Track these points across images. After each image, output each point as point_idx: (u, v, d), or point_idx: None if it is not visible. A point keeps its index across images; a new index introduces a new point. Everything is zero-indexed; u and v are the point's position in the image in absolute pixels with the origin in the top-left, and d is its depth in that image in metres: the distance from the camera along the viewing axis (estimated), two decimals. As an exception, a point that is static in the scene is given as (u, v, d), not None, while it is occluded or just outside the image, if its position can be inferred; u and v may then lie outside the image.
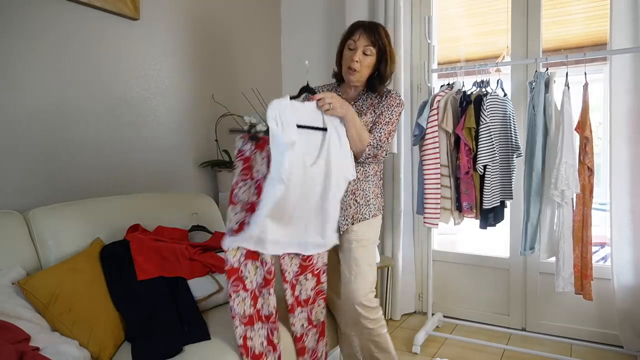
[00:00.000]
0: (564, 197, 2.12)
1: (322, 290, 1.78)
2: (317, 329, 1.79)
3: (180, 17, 2.57)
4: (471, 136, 2.31)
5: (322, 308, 1.79)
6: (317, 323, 1.79)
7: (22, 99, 1.85)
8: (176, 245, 1.87)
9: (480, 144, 2.28)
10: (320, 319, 1.80)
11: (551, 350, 2.43)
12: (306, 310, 1.75)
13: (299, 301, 1.72)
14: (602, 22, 2.86)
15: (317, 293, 1.77)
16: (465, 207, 2.37)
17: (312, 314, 1.76)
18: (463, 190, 2.37)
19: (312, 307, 1.76)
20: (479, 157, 2.27)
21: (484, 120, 2.28)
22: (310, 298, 1.76)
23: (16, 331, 1.25)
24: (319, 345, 1.80)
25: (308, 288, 1.74)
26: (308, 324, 1.76)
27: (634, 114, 2.28)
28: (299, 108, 1.58)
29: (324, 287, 1.78)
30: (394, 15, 2.78)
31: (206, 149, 2.73)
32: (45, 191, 1.92)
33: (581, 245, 2.16)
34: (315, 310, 1.77)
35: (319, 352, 1.80)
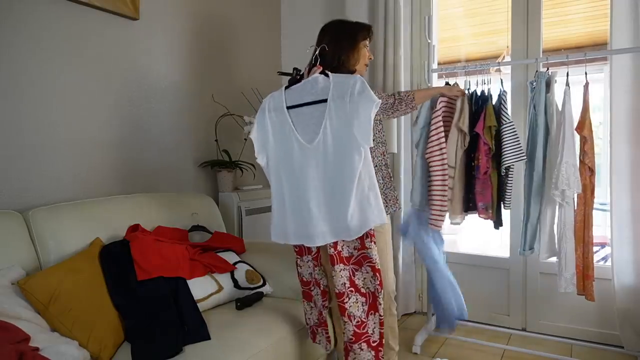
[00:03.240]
0: (564, 197, 2.12)
1: (370, 257, 1.61)
2: (365, 298, 1.63)
3: (180, 17, 2.57)
4: (491, 135, 2.28)
5: (371, 277, 1.62)
6: (365, 291, 1.63)
7: (22, 98, 1.85)
8: (176, 245, 1.87)
9: (505, 143, 2.24)
10: (369, 288, 1.63)
11: (551, 350, 2.43)
12: (349, 269, 1.62)
13: (341, 256, 1.62)
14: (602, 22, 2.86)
15: (363, 257, 1.62)
16: (480, 208, 2.34)
17: (356, 276, 1.63)
18: (478, 190, 2.33)
19: (356, 268, 1.63)
20: (505, 156, 2.23)
21: (506, 119, 2.25)
22: (354, 257, 1.63)
23: (16, 331, 1.25)
24: (369, 318, 1.63)
25: (350, 246, 1.64)
26: (350, 285, 1.61)
27: (634, 114, 2.28)
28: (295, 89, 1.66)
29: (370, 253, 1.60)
30: (394, 15, 2.78)
31: (206, 149, 2.73)
32: (46, 191, 1.92)
33: (583, 246, 2.16)
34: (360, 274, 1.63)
35: (369, 326, 1.62)
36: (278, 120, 1.65)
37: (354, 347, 1.61)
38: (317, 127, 1.58)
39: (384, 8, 2.81)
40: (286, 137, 1.63)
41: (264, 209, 2.75)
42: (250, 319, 1.74)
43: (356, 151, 1.53)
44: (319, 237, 1.60)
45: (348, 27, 1.91)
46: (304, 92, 1.63)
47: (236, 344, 1.54)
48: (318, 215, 1.59)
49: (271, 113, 1.67)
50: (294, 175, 1.62)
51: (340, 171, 1.56)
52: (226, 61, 2.90)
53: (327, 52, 1.81)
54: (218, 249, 2.06)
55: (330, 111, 1.57)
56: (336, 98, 1.56)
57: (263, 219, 2.73)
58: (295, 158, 1.62)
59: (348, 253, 1.63)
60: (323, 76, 1.63)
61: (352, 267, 1.62)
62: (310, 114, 1.60)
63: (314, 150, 1.58)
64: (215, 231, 2.22)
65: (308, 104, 1.61)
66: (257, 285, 1.97)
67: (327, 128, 1.57)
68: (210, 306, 1.81)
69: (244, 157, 2.78)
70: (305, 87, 1.64)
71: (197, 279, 1.79)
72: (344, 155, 1.55)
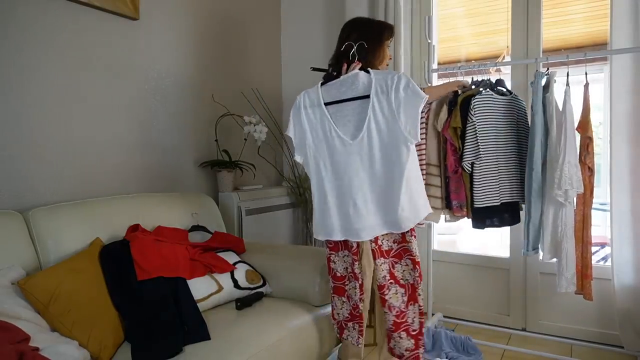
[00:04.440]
0: (567, 197, 2.12)
1: (410, 250, 1.68)
2: (404, 289, 1.69)
3: (180, 17, 2.57)
4: (457, 135, 2.30)
5: (411, 269, 1.69)
6: (404, 282, 1.69)
7: (21, 98, 1.85)
8: (176, 245, 1.88)
9: (465, 143, 2.27)
10: (408, 280, 1.70)
11: (551, 350, 2.43)
12: (389, 262, 1.68)
13: (381, 250, 1.68)
14: (602, 22, 2.86)
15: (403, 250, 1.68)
16: (454, 206, 2.35)
17: (395, 268, 1.69)
18: (452, 189, 2.36)
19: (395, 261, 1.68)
20: (464, 155, 2.27)
21: (470, 119, 2.27)
22: (393, 250, 1.68)
23: (16, 331, 1.25)
24: (409, 308, 1.70)
25: (390, 240, 1.69)
26: (390, 277, 1.68)
27: (635, 114, 2.28)
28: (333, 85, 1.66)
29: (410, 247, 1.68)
30: (394, 15, 2.78)
31: (206, 149, 2.73)
32: (45, 191, 1.92)
33: (582, 245, 2.16)
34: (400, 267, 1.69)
35: (409, 316, 1.69)
36: (316, 117, 1.66)
37: (394, 335, 1.69)
38: (360, 123, 1.59)
39: (384, 8, 2.81)
40: (326, 134, 1.64)
41: (264, 209, 2.75)
42: (250, 319, 1.74)
43: (404, 146, 1.56)
44: (366, 231, 1.63)
45: (375, 25, 1.90)
46: (344, 88, 1.63)
47: (236, 344, 1.54)
48: (365, 210, 1.62)
49: (307, 110, 1.67)
50: (336, 171, 1.64)
51: (388, 166, 1.58)
52: (226, 61, 2.90)
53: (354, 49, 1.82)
54: (218, 249, 2.06)
55: (374, 107, 1.58)
56: (380, 94, 1.58)
57: (263, 219, 2.74)
58: (337, 154, 1.63)
59: (388, 247, 1.68)
60: (364, 72, 1.63)
61: (392, 259, 1.68)
62: (352, 110, 1.61)
63: (357, 146, 1.59)
64: (215, 231, 2.22)
65: (348, 100, 1.61)
66: (257, 285, 1.97)
67: (372, 124, 1.58)
68: (210, 306, 1.81)
69: (244, 157, 2.78)
70: (344, 83, 1.64)
71: (197, 279, 1.79)
72: (392, 150, 1.57)
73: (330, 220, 1.67)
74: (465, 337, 2.41)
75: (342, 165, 1.62)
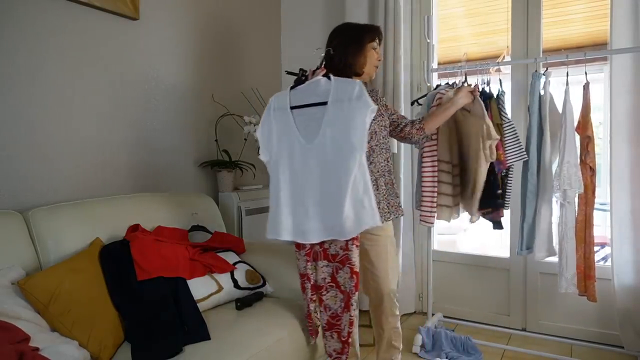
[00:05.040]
0: (566, 196, 2.12)
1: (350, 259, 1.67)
2: (343, 295, 1.70)
3: (180, 17, 2.57)
4: (500, 131, 2.27)
5: (349, 277, 1.69)
6: (344, 289, 1.70)
7: (21, 98, 1.85)
8: (176, 245, 1.87)
9: (507, 143, 2.23)
10: (346, 288, 1.70)
11: (551, 350, 2.43)
12: (333, 266, 1.70)
13: (326, 253, 1.71)
14: (602, 22, 2.86)
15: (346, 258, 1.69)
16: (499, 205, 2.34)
17: (338, 274, 1.70)
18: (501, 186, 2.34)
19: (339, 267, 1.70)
20: (507, 156, 2.24)
21: (505, 117, 2.25)
22: (339, 256, 1.69)
23: (16, 331, 1.25)
24: (343, 314, 1.71)
25: (337, 246, 1.69)
26: (331, 281, 1.71)
27: (635, 113, 2.27)
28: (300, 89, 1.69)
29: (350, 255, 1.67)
30: (394, 15, 2.78)
31: (206, 149, 2.73)
32: (45, 191, 1.92)
33: (584, 246, 2.15)
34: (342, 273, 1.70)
35: (342, 321, 1.71)
36: (281, 119, 1.69)
37: (326, 334, 1.75)
38: (317, 128, 1.62)
39: (384, 8, 2.81)
40: (288, 136, 1.67)
41: (264, 209, 2.75)
42: (250, 319, 1.74)
43: (351, 155, 1.58)
44: (313, 234, 1.66)
45: (354, 29, 1.93)
46: (308, 93, 1.67)
47: (236, 344, 1.54)
48: (314, 213, 1.64)
49: (276, 112, 1.71)
50: (294, 173, 1.67)
51: (336, 173, 1.60)
52: (226, 61, 2.90)
53: (335, 55, 1.85)
54: (218, 249, 2.05)
55: (329, 114, 1.61)
56: (336, 101, 1.61)
57: (263, 219, 2.72)
58: (296, 157, 1.66)
59: (334, 251, 1.71)
60: (325, 79, 1.66)
61: (336, 264, 1.71)
62: (313, 115, 1.64)
63: (313, 150, 1.62)
64: (215, 231, 2.22)
65: (311, 105, 1.65)
66: (257, 285, 1.97)
67: (327, 130, 1.61)
68: (210, 306, 1.81)
69: (244, 157, 2.78)
70: (309, 88, 1.68)
71: (197, 279, 1.79)
72: (341, 157, 1.59)
73: (281, 219, 1.68)
74: (465, 337, 2.41)
75: (298, 167, 1.66)
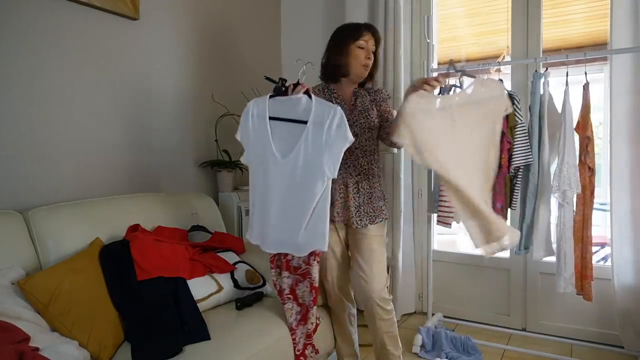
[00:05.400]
0: (565, 197, 2.12)
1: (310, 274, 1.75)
2: (300, 308, 1.78)
3: (180, 17, 2.57)
4: (512, 135, 2.28)
5: (309, 291, 1.76)
6: (302, 302, 1.78)
7: (21, 98, 1.85)
8: (176, 245, 1.88)
9: (516, 144, 2.24)
10: (305, 301, 1.77)
11: (551, 350, 2.43)
12: (293, 278, 1.79)
13: (288, 265, 1.80)
14: (602, 22, 2.86)
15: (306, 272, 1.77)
16: (498, 207, 2.34)
17: (298, 286, 1.79)
18: (498, 189, 2.34)
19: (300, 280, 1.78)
20: (514, 158, 2.24)
21: (519, 119, 2.25)
22: (301, 269, 1.78)
23: (16, 331, 1.25)
24: (299, 327, 1.76)
25: (300, 259, 1.77)
26: (289, 293, 1.79)
27: (635, 113, 2.27)
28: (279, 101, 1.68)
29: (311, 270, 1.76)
30: (394, 15, 2.78)
31: (206, 149, 2.73)
32: (45, 191, 1.92)
33: (581, 246, 2.16)
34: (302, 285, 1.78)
35: (297, 335, 1.76)
36: (260, 128, 1.70)
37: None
38: (292, 145, 1.64)
39: (384, 8, 2.81)
40: (263, 147, 1.68)
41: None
42: (250, 319, 1.74)
43: (320, 179, 1.62)
44: (271, 244, 1.73)
45: (337, 30, 1.93)
46: (288, 108, 1.67)
47: (236, 344, 1.54)
48: (275, 226, 1.69)
49: (254, 119, 1.71)
50: (266, 183, 1.69)
51: (302, 193, 1.64)
52: (226, 61, 2.90)
53: (324, 58, 1.89)
54: (218, 249, 2.06)
55: (308, 135, 1.62)
56: (316, 124, 1.62)
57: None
58: (269, 168, 1.67)
59: (297, 264, 1.77)
60: (307, 97, 1.66)
61: (297, 277, 1.78)
62: (290, 131, 1.65)
63: (284, 166, 1.64)
64: (215, 231, 2.22)
65: (290, 121, 1.66)
66: (257, 285, 1.97)
67: (301, 149, 1.63)
68: (210, 306, 1.81)
69: (244, 157, 2.78)
70: (289, 103, 1.67)
71: (197, 279, 1.79)
72: (309, 179, 1.63)
73: (254, 223, 1.75)
74: (465, 337, 2.41)
75: (270, 179, 1.67)
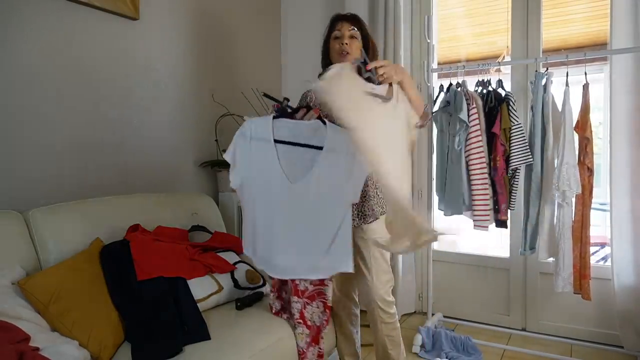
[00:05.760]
0: (565, 197, 2.12)
1: (324, 294, 1.73)
2: (309, 330, 1.73)
3: (180, 17, 2.57)
4: (506, 137, 2.29)
5: (321, 312, 1.73)
6: (311, 324, 1.74)
7: (21, 98, 1.85)
8: (176, 245, 1.87)
9: (514, 145, 2.25)
10: (315, 322, 1.74)
11: (551, 350, 2.43)
12: (301, 302, 1.72)
13: (297, 289, 1.71)
14: (602, 22, 2.86)
15: (317, 292, 1.73)
16: (503, 209, 2.34)
17: (306, 309, 1.72)
18: (499, 191, 2.34)
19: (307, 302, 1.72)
20: (513, 158, 2.25)
21: (515, 120, 2.26)
22: (308, 291, 1.72)
23: (16, 331, 1.25)
24: (309, 350, 1.72)
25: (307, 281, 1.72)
26: (299, 317, 1.72)
27: (635, 114, 2.27)
28: (287, 125, 1.60)
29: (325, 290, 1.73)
30: (394, 15, 2.78)
31: (206, 149, 2.73)
32: (45, 191, 1.92)
33: (580, 246, 2.16)
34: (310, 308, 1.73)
35: (308, 357, 1.73)
36: (262, 151, 1.59)
37: None
38: (306, 170, 1.57)
39: (384, 8, 2.81)
40: (268, 169, 1.59)
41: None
42: (250, 319, 1.74)
43: (341, 204, 1.58)
44: (285, 271, 1.64)
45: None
46: (298, 132, 1.59)
47: (236, 344, 1.54)
48: (287, 252, 1.60)
49: (255, 142, 1.59)
50: (270, 208, 1.60)
51: (319, 218, 1.58)
52: (226, 61, 2.90)
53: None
54: (218, 249, 2.05)
55: (324, 161, 1.56)
56: (332, 151, 1.57)
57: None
58: (274, 191, 1.59)
59: (304, 287, 1.70)
60: (321, 123, 1.60)
61: (305, 300, 1.71)
62: (301, 156, 1.58)
63: (296, 190, 1.56)
64: (215, 231, 2.21)
65: (301, 145, 1.59)
66: (257, 285, 1.97)
67: (317, 176, 1.56)
68: (210, 306, 1.81)
69: (244, 157, 2.78)
70: (299, 127, 1.61)
71: (197, 279, 1.79)
72: (328, 204, 1.57)
73: (256, 247, 1.66)
74: (465, 337, 2.42)
75: (276, 204, 1.59)
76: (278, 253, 1.61)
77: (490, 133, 2.34)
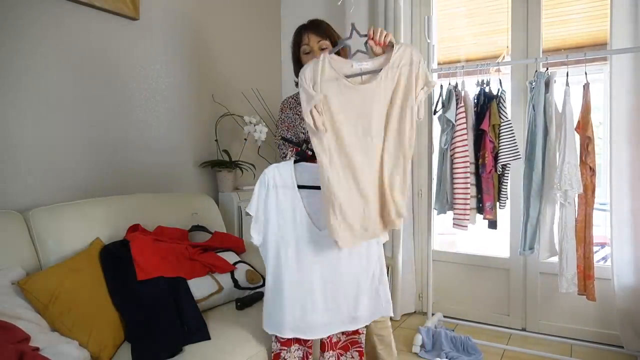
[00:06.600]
0: (566, 197, 2.12)
1: (359, 342, 1.60)
2: None
3: (180, 17, 2.57)
4: (495, 133, 2.29)
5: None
6: None
7: (22, 99, 1.85)
8: (176, 245, 1.88)
9: (503, 142, 2.25)
10: None
11: (551, 350, 2.43)
12: (335, 354, 1.60)
13: (331, 343, 1.59)
14: (602, 22, 2.86)
15: (351, 342, 1.60)
16: (487, 207, 2.34)
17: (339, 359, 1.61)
18: (485, 189, 2.34)
19: (341, 353, 1.60)
20: (501, 155, 2.25)
21: (505, 117, 2.26)
22: (341, 342, 1.60)
23: (16, 331, 1.25)
24: None
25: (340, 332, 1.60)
26: None
27: (635, 113, 2.27)
28: (309, 169, 1.50)
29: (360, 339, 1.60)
30: (394, 15, 2.78)
31: (206, 149, 2.73)
32: (45, 191, 1.92)
33: (584, 246, 2.16)
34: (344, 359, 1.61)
35: None
36: (286, 199, 1.49)
37: None
38: None
39: (384, 8, 2.81)
40: (294, 219, 1.48)
41: (264, 209, 2.75)
42: (250, 319, 1.74)
43: (375, 243, 1.54)
44: (322, 328, 1.52)
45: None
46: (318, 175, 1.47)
47: (236, 344, 1.54)
48: (324, 306, 1.49)
49: (277, 189, 1.49)
50: (300, 260, 1.48)
51: (354, 262, 1.50)
52: (226, 61, 2.90)
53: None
54: (218, 249, 2.05)
55: None
56: None
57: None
58: (304, 242, 1.48)
59: (336, 338, 1.60)
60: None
61: (338, 352, 1.61)
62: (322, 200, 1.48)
63: (326, 238, 1.44)
64: (215, 231, 2.21)
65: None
66: (257, 285, 1.97)
67: None
68: (210, 306, 1.81)
69: (244, 157, 2.78)
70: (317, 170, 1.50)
71: (197, 279, 1.79)
72: (360, 249, 1.50)
73: (282, 312, 1.49)
74: (465, 337, 2.41)
75: (307, 255, 1.48)
76: (313, 312, 1.49)
77: (479, 130, 2.35)
